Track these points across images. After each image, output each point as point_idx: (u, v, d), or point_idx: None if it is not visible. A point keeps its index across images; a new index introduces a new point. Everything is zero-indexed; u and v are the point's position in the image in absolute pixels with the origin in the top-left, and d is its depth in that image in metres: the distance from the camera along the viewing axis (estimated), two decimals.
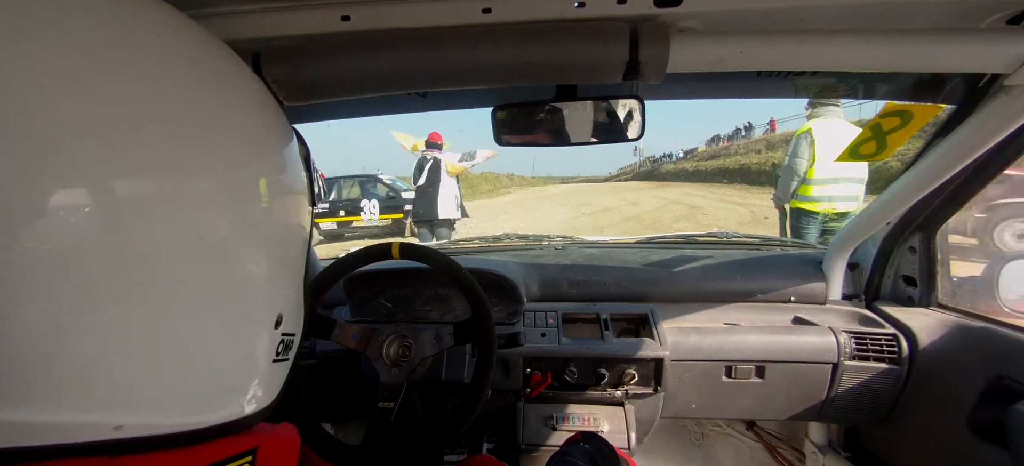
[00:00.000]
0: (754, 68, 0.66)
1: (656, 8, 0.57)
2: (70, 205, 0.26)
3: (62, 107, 0.26)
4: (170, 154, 0.31)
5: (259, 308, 0.39)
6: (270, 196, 0.39)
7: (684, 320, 1.22)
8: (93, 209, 0.27)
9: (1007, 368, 0.90)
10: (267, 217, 0.39)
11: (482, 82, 0.66)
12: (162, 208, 0.30)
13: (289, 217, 0.42)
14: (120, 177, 0.28)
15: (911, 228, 1.13)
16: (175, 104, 0.32)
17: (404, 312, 1.22)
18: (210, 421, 0.35)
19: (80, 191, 0.26)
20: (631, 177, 32.60)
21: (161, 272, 0.30)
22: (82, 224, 0.26)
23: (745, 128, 34.34)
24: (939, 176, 0.91)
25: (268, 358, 0.40)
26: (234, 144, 0.36)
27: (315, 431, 0.83)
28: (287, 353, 0.44)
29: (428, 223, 4.26)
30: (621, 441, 1.11)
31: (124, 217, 0.28)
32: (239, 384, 0.38)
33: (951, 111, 0.84)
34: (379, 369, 0.86)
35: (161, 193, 0.30)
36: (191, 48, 0.36)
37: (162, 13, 0.34)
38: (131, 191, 0.29)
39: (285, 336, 0.42)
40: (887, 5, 0.60)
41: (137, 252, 0.29)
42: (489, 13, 0.58)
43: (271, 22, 0.60)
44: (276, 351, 0.41)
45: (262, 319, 0.39)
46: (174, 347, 0.32)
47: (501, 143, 0.91)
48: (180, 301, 0.31)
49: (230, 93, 0.38)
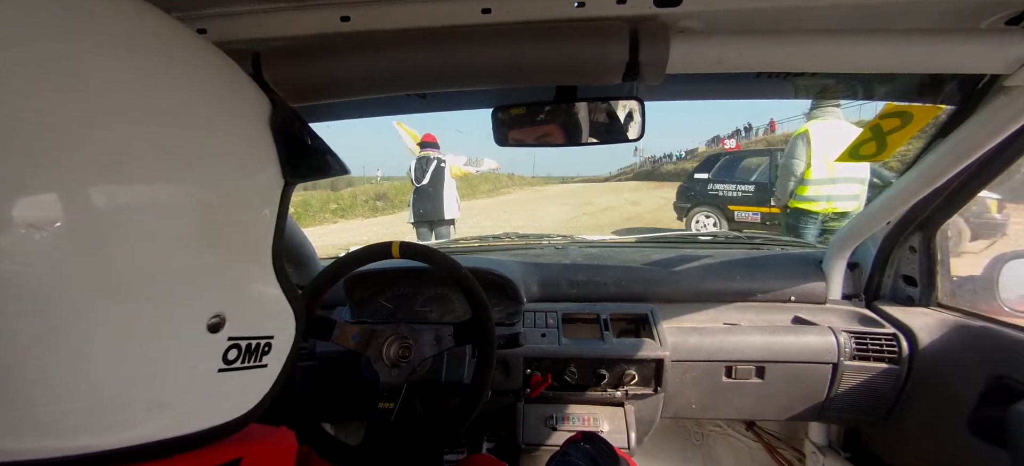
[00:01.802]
0: (754, 69, 0.66)
1: (656, 8, 0.57)
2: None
3: None
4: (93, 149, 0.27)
5: (178, 309, 0.32)
6: (192, 177, 0.33)
7: (684, 320, 1.23)
8: None
9: (1007, 368, 0.90)
10: (186, 197, 0.32)
11: (482, 83, 0.66)
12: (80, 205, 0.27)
13: (227, 196, 0.35)
14: None
15: (911, 228, 1.13)
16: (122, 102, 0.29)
17: (404, 312, 1.22)
18: (120, 442, 0.30)
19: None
20: (631, 177, 32.57)
21: (50, 270, 0.26)
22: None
23: (745, 129, 34.34)
24: (939, 176, 0.91)
25: (208, 369, 0.35)
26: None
27: (315, 431, 0.83)
28: (254, 359, 0.38)
29: (429, 223, 4.28)
30: (621, 441, 1.11)
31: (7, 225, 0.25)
32: (154, 398, 0.32)
33: (951, 112, 0.84)
34: (379, 370, 0.86)
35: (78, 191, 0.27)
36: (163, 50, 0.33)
37: (142, 16, 0.32)
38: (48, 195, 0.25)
39: (240, 340, 0.36)
40: (887, 5, 0.59)
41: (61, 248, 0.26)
42: (489, 13, 0.58)
43: (271, 23, 0.60)
44: (224, 359, 0.35)
45: (185, 321, 0.33)
46: (64, 357, 0.27)
47: (501, 143, 0.91)
48: (66, 303, 0.27)
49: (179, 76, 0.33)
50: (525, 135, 0.89)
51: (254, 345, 0.38)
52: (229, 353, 0.36)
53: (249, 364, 0.37)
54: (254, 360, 0.38)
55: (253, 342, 0.38)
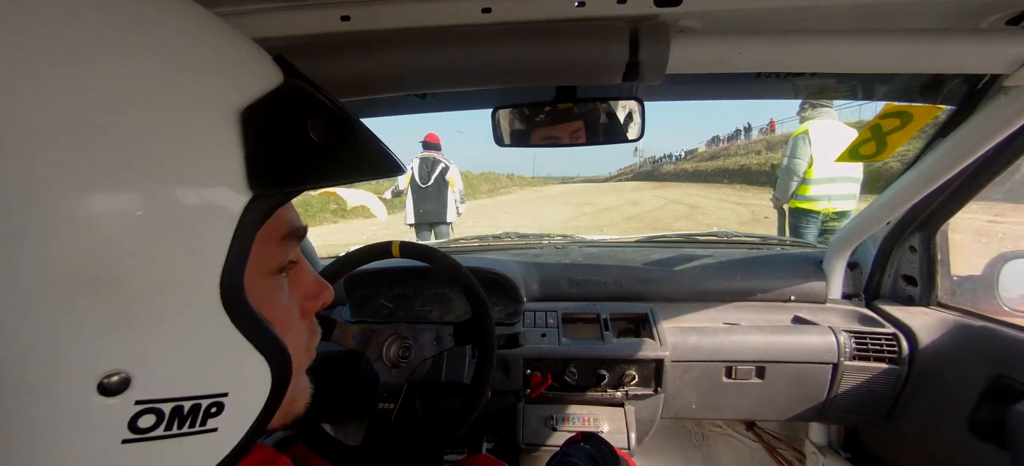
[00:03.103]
0: (754, 69, 0.66)
1: (656, 8, 0.57)
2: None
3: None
4: None
5: (49, 371, 0.24)
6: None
7: (684, 320, 1.23)
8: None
9: (1007, 367, 0.90)
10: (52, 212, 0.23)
11: (482, 83, 0.66)
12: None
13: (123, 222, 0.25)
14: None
15: (911, 228, 1.13)
16: None
17: (404, 312, 1.22)
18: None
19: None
20: (631, 177, 32.61)
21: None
22: None
23: (744, 129, 34.36)
24: (939, 176, 0.91)
25: (107, 441, 0.27)
26: None
27: (315, 431, 0.83)
28: (178, 426, 0.28)
29: (430, 224, 4.29)
30: (621, 442, 1.11)
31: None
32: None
33: (951, 112, 0.84)
34: (379, 370, 0.86)
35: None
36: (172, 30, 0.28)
37: None
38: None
39: (154, 404, 0.27)
40: (887, 5, 0.60)
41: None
42: (489, 13, 0.58)
43: (270, 22, 0.60)
44: (130, 427, 0.27)
45: (64, 386, 0.25)
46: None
47: (501, 144, 0.91)
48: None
49: None
50: (525, 135, 0.90)
51: (187, 408, 0.29)
52: (139, 420, 0.27)
53: (180, 431, 0.29)
54: (190, 426, 0.29)
55: (186, 404, 0.29)
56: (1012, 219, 5.73)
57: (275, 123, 0.30)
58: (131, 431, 0.27)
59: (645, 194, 17.20)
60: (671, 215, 7.73)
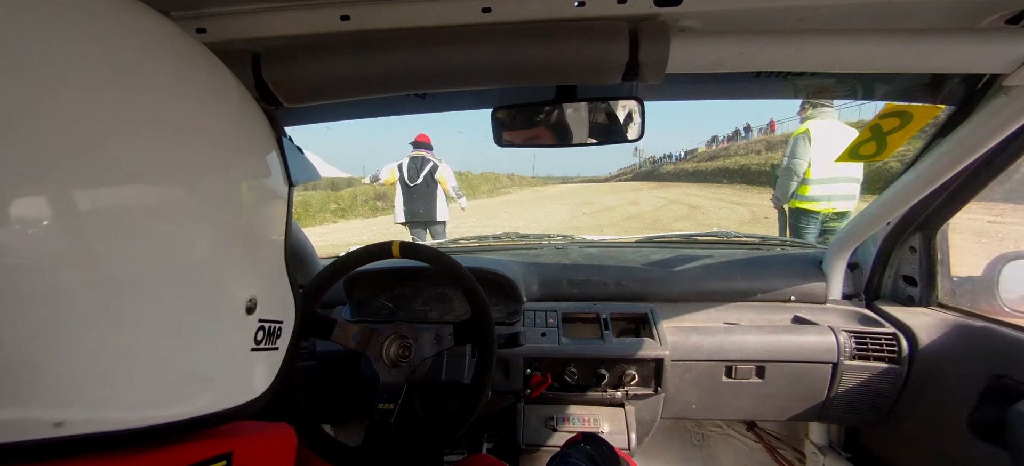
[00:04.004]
0: (754, 68, 0.66)
1: (656, 8, 0.57)
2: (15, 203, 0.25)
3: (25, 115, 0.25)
4: (133, 156, 0.30)
5: (220, 292, 0.36)
6: (227, 181, 0.37)
7: (684, 320, 1.23)
8: (41, 203, 0.26)
9: (1007, 368, 0.90)
10: (224, 199, 0.37)
11: (482, 83, 0.66)
12: (111, 204, 0.29)
13: (252, 197, 0.40)
14: (75, 172, 0.27)
15: (911, 228, 1.13)
16: (145, 109, 0.31)
17: (404, 312, 1.22)
18: (164, 417, 0.32)
19: (32, 187, 0.26)
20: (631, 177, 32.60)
21: (103, 258, 0.28)
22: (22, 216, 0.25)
23: (744, 129, 34.37)
24: (939, 176, 0.91)
25: (244, 346, 0.39)
26: (195, 138, 0.35)
27: (315, 432, 0.83)
28: (272, 341, 0.42)
29: (422, 224, 4.27)
30: (621, 442, 1.11)
31: (69, 211, 0.27)
32: (201, 374, 0.35)
33: (951, 112, 0.84)
34: (379, 370, 0.86)
35: (114, 192, 0.29)
36: (164, 52, 0.35)
37: (139, 17, 0.33)
38: (82, 187, 0.27)
39: (265, 323, 0.41)
40: (887, 5, 0.59)
41: (83, 242, 0.27)
42: (489, 13, 0.58)
43: (270, 22, 0.60)
44: (255, 339, 0.40)
45: (227, 303, 0.37)
46: (115, 334, 0.29)
47: (500, 144, 0.91)
48: (120, 287, 0.29)
49: (203, 95, 0.37)
50: (525, 135, 0.89)
51: (272, 328, 0.42)
52: (258, 334, 0.40)
53: (268, 345, 0.42)
54: (271, 342, 0.42)
55: (272, 325, 0.42)
56: (1012, 219, 5.73)
57: (281, 139, 0.47)
58: (254, 342, 0.40)
59: (645, 194, 17.20)
60: (671, 215, 7.73)
